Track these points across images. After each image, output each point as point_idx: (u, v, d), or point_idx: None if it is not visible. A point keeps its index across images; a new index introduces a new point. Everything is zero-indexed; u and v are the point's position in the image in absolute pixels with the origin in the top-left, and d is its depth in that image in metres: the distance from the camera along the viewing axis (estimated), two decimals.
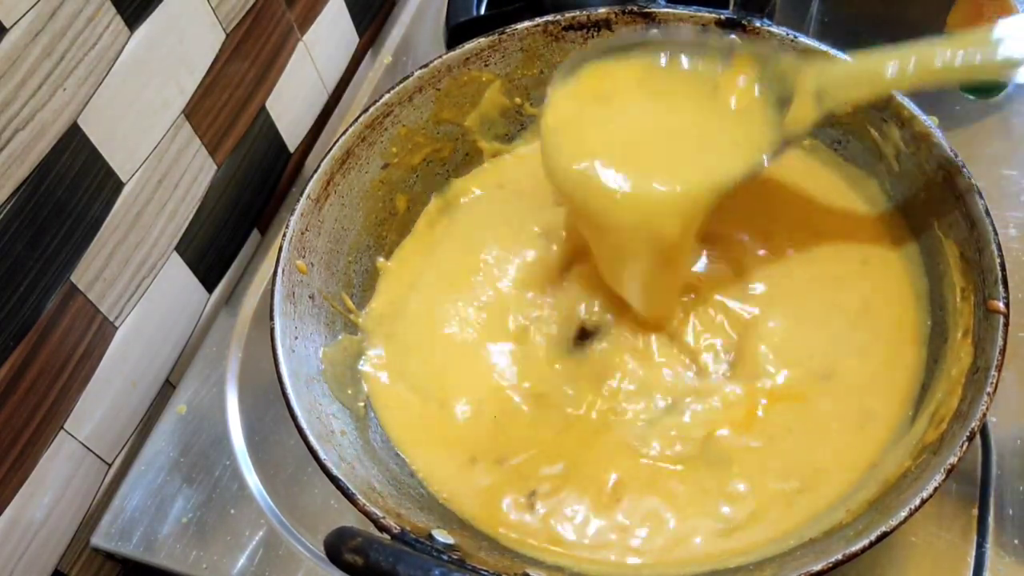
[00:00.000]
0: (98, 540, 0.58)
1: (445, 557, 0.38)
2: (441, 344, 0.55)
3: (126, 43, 0.55)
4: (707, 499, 0.47)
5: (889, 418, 0.49)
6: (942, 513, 0.52)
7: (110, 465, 0.61)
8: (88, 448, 0.59)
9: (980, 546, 0.51)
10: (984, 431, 0.54)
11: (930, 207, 0.52)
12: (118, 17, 0.54)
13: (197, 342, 0.66)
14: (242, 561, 0.56)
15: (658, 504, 0.47)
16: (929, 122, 0.51)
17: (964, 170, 0.49)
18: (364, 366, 0.54)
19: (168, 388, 0.65)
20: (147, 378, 0.64)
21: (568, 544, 0.47)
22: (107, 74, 0.54)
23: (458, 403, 0.52)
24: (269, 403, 0.61)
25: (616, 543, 0.46)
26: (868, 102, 0.51)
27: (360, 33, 0.81)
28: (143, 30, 0.56)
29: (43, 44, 0.49)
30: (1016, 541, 0.51)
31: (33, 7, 0.48)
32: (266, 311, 0.50)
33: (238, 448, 0.60)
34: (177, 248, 0.63)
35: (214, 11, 0.61)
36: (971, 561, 0.51)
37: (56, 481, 0.57)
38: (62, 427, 0.56)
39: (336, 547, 0.34)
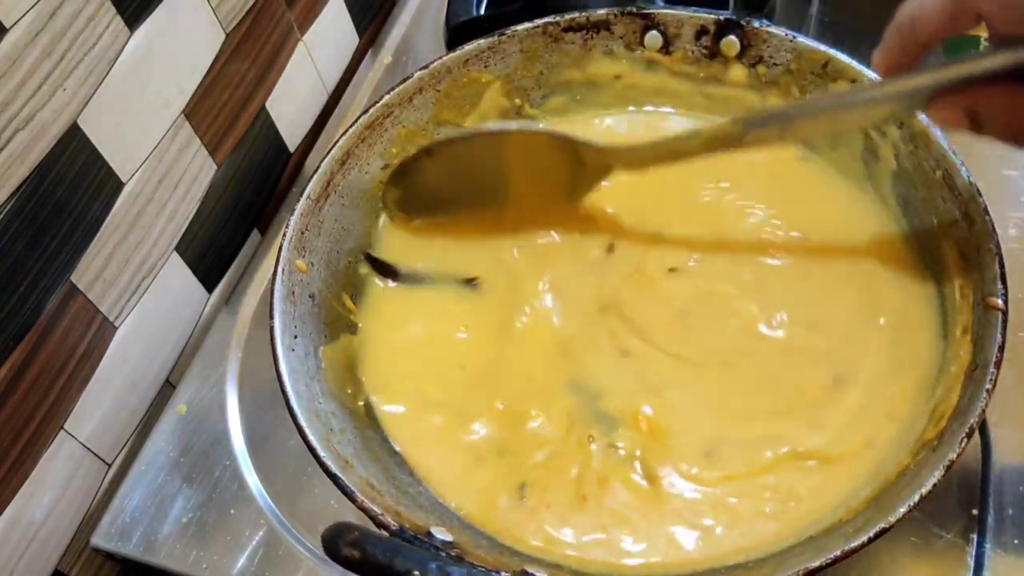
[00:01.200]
0: (98, 540, 0.58)
1: (443, 554, 0.38)
2: (440, 342, 0.55)
3: (126, 43, 0.55)
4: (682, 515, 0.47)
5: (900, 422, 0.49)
6: (942, 513, 0.52)
7: (110, 465, 0.61)
8: (88, 448, 0.59)
9: (980, 546, 0.51)
10: (984, 430, 0.54)
11: (929, 206, 0.52)
12: (118, 17, 0.54)
13: (197, 342, 0.66)
14: (242, 561, 0.56)
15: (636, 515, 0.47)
16: (928, 121, 0.51)
17: (963, 169, 0.49)
18: (363, 365, 0.54)
19: (168, 388, 0.65)
20: (147, 378, 0.64)
21: (560, 541, 0.47)
22: (107, 74, 0.54)
23: (458, 401, 0.52)
24: (269, 403, 0.61)
25: (605, 541, 0.47)
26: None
27: (360, 33, 0.81)
28: (143, 30, 0.56)
29: (43, 44, 0.49)
30: (1016, 541, 0.51)
31: (33, 7, 0.48)
32: (266, 311, 0.50)
33: (238, 448, 0.60)
34: (177, 248, 0.63)
35: (214, 11, 0.61)
36: (971, 561, 0.50)
37: (56, 481, 0.57)
38: (62, 427, 0.56)
39: (333, 541, 0.34)
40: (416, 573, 0.34)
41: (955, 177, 0.49)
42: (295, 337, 0.50)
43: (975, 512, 0.52)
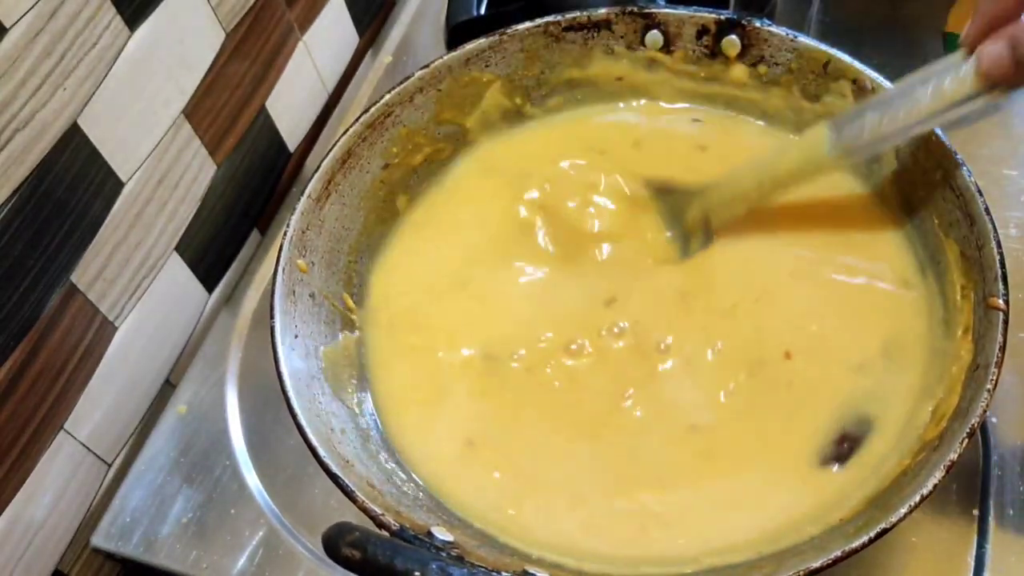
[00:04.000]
0: (98, 540, 0.58)
1: (444, 554, 0.38)
2: (439, 339, 0.54)
3: (126, 43, 0.55)
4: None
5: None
6: (943, 513, 0.52)
7: (110, 465, 0.61)
8: (88, 448, 0.59)
9: (980, 547, 0.51)
10: (985, 431, 0.54)
11: (930, 206, 0.52)
12: (118, 17, 0.54)
13: (197, 342, 0.66)
14: (242, 561, 0.56)
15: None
16: None
17: (964, 168, 0.49)
18: (363, 364, 0.54)
19: (168, 388, 0.65)
20: (147, 378, 0.64)
21: (563, 540, 0.47)
22: (107, 74, 0.54)
23: (457, 399, 0.52)
24: (269, 403, 0.61)
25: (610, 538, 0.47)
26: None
27: (360, 33, 0.81)
28: (143, 30, 0.56)
29: (43, 44, 0.49)
30: (1017, 541, 0.51)
31: (33, 7, 0.48)
32: (266, 311, 0.50)
33: (238, 448, 0.60)
34: (177, 248, 0.63)
35: (214, 11, 0.61)
36: (971, 562, 0.51)
37: (56, 481, 0.57)
38: (62, 427, 0.56)
39: (334, 541, 0.34)
40: (417, 573, 0.33)
41: (956, 177, 0.49)
42: (295, 337, 0.50)
43: (976, 513, 0.52)
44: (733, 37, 0.58)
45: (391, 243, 0.59)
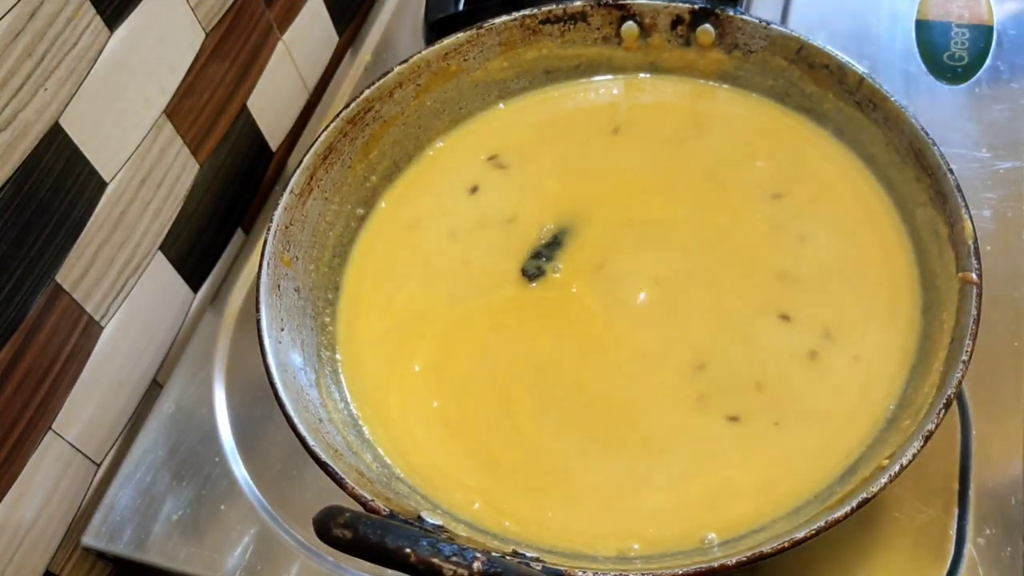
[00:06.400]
0: (89, 539, 0.58)
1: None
2: (412, 325, 0.55)
3: (106, 43, 0.55)
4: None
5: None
6: (924, 488, 0.53)
7: (99, 465, 0.61)
8: (77, 448, 0.59)
9: (961, 519, 0.52)
10: (963, 406, 0.55)
11: (906, 185, 0.53)
12: (98, 17, 0.54)
13: (184, 341, 0.67)
14: (234, 556, 0.56)
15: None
16: (902, 104, 0.52)
17: (935, 148, 0.50)
18: (339, 357, 0.54)
19: (155, 387, 0.66)
20: (134, 377, 0.64)
21: (555, 525, 0.47)
22: (87, 74, 0.54)
23: (428, 382, 0.53)
24: (257, 400, 0.61)
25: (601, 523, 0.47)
26: None
27: (340, 31, 0.81)
28: (123, 30, 0.56)
29: (23, 44, 0.49)
30: (995, 514, 0.52)
31: (12, 8, 0.48)
32: (252, 309, 0.50)
33: (227, 445, 0.60)
34: (161, 247, 0.63)
35: (193, 11, 0.62)
36: (953, 534, 0.51)
37: (45, 482, 0.57)
38: (50, 428, 0.56)
39: (325, 523, 0.35)
40: (408, 550, 0.34)
41: (927, 156, 0.50)
42: (282, 330, 0.50)
43: (956, 487, 0.53)
44: (707, 26, 0.59)
45: (368, 234, 0.59)
